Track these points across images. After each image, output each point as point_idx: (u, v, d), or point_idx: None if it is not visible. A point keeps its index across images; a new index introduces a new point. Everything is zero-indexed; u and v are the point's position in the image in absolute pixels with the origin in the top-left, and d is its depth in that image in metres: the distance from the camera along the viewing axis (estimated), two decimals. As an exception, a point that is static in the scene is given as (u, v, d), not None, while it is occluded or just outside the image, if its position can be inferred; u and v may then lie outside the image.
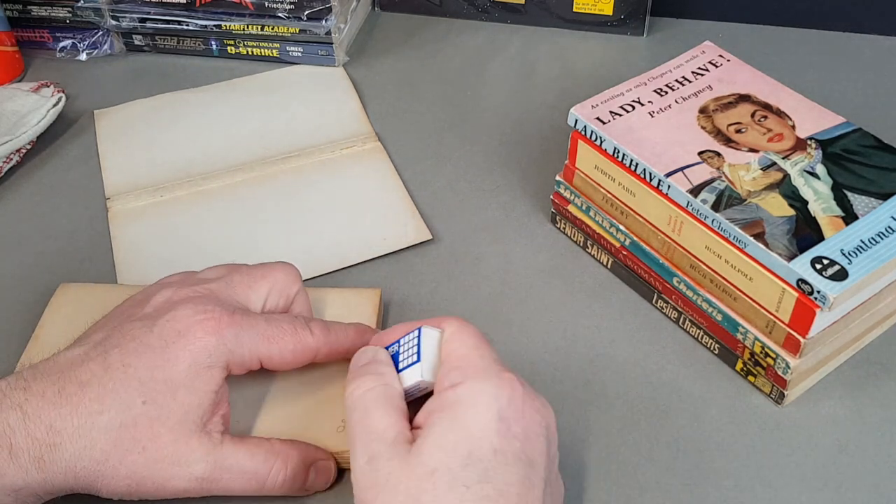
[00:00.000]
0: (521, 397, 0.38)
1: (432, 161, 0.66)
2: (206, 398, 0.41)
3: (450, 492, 0.35)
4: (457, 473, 0.35)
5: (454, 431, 0.36)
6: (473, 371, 0.38)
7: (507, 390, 0.37)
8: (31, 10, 0.75)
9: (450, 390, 0.37)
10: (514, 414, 0.37)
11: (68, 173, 0.65)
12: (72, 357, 0.41)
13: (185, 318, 0.42)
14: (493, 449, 0.36)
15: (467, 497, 0.35)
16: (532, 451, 0.37)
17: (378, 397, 0.39)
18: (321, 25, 0.72)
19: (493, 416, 0.36)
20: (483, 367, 0.38)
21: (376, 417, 0.38)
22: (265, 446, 0.42)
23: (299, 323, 0.44)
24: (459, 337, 0.40)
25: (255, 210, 0.61)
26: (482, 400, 0.37)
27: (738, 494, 0.45)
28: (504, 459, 0.36)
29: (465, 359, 0.39)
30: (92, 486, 0.40)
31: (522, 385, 0.38)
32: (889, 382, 0.50)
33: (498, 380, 0.38)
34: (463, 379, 0.38)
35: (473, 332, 0.40)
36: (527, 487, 0.36)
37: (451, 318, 0.41)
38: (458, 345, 0.40)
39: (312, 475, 0.43)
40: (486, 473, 0.35)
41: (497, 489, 0.35)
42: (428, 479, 0.35)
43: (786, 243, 0.45)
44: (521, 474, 0.36)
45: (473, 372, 0.38)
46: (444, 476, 0.35)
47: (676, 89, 0.55)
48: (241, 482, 0.41)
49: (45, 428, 0.38)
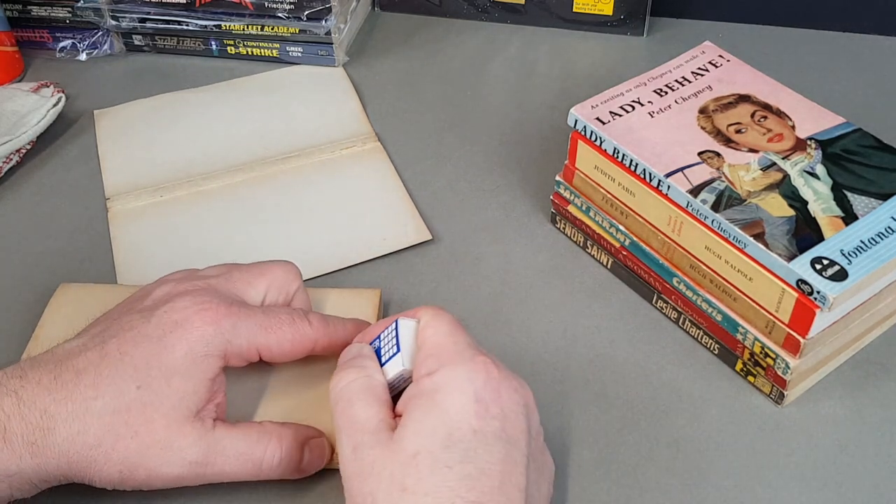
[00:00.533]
0: (496, 379, 0.38)
1: (432, 161, 0.66)
2: (201, 385, 0.41)
3: (433, 473, 0.35)
4: (438, 455, 0.36)
5: (433, 416, 0.37)
6: (448, 357, 0.39)
7: (482, 373, 0.38)
8: (31, 10, 0.75)
9: (426, 378, 0.38)
10: (490, 395, 0.38)
11: (68, 173, 0.65)
12: (69, 348, 0.41)
13: (183, 308, 0.42)
14: (472, 430, 0.37)
15: (450, 477, 0.35)
16: (512, 429, 0.38)
17: (360, 388, 0.40)
18: (321, 25, 0.72)
19: (470, 399, 0.37)
20: (457, 352, 0.39)
21: (359, 408, 0.39)
22: (257, 427, 0.42)
23: (297, 314, 0.44)
24: (434, 325, 0.41)
25: (255, 210, 0.61)
26: (458, 384, 0.38)
27: (738, 494, 0.45)
28: (484, 439, 0.37)
29: (440, 346, 0.40)
30: (85, 473, 0.40)
31: (497, 367, 0.39)
32: (889, 382, 0.50)
33: (472, 363, 0.38)
34: (438, 366, 0.39)
35: (447, 318, 0.41)
36: (509, 465, 0.37)
37: (426, 308, 0.42)
38: (432, 332, 0.41)
39: (307, 454, 0.43)
40: (467, 453, 0.36)
41: (479, 468, 0.36)
42: (410, 463, 0.36)
43: (786, 243, 0.45)
44: (503, 453, 0.37)
45: (448, 358, 0.39)
46: (426, 458, 0.36)
47: (676, 89, 0.55)
48: (237, 465, 0.41)
49: (39, 413, 0.39)
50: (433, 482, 0.35)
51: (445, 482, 0.35)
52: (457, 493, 0.35)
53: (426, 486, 0.35)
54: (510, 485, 0.36)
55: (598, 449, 0.47)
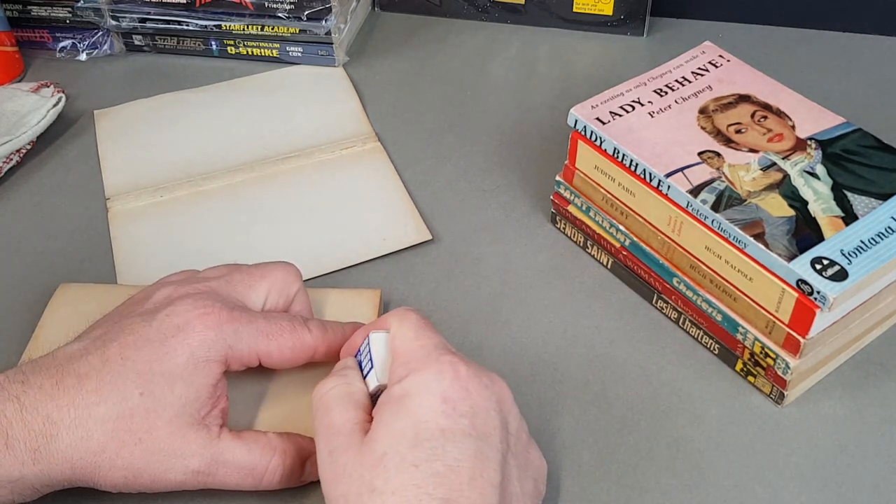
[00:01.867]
0: (464, 377, 0.39)
1: (432, 161, 0.66)
2: (203, 391, 0.41)
3: (399, 472, 0.36)
4: (405, 455, 0.36)
5: (401, 419, 0.37)
6: (415, 363, 0.39)
7: (449, 372, 0.39)
8: (31, 10, 0.75)
9: (396, 385, 0.39)
10: (458, 394, 0.38)
11: (68, 173, 0.65)
12: (70, 352, 0.41)
13: (184, 312, 0.42)
14: (439, 428, 0.37)
15: (416, 475, 0.36)
16: (483, 425, 0.38)
17: (338, 395, 0.40)
18: (321, 25, 0.72)
19: (437, 399, 0.38)
20: (423, 356, 0.40)
21: (335, 413, 0.40)
22: (262, 441, 0.42)
23: (298, 321, 0.45)
24: (400, 333, 0.41)
25: (255, 210, 0.61)
26: (425, 386, 0.38)
27: (738, 494, 0.45)
28: (452, 437, 0.37)
29: (407, 353, 0.40)
30: (89, 479, 0.40)
31: (466, 364, 0.39)
32: (889, 382, 0.50)
33: (438, 364, 0.39)
34: (407, 372, 0.39)
35: (412, 322, 0.42)
36: (480, 461, 0.37)
37: (393, 314, 0.42)
38: (399, 341, 0.41)
39: (308, 467, 0.43)
40: (435, 451, 0.36)
41: (447, 465, 0.36)
42: (378, 464, 0.36)
43: (786, 243, 0.45)
44: (473, 449, 0.37)
45: (415, 364, 0.39)
46: (392, 459, 0.36)
47: (676, 89, 0.55)
48: (238, 477, 0.41)
49: (42, 419, 0.39)
50: (400, 481, 0.36)
51: (412, 480, 0.36)
52: (424, 491, 0.35)
53: (393, 485, 0.36)
54: (482, 480, 0.36)
55: (598, 449, 0.47)
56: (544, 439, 0.45)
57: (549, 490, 0.44)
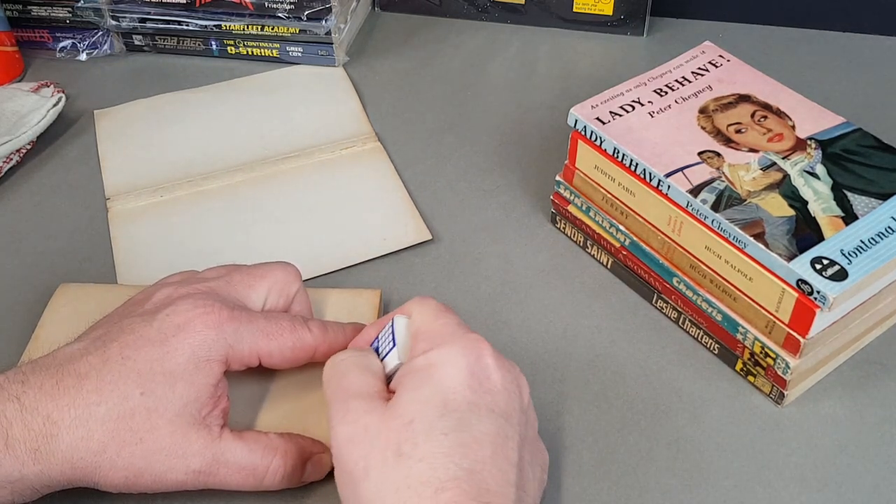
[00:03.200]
0: (489, 355, 0.39)
1: (432, 161, 0.66)
2: (204, 391, 0.41)
3: (428, 439, 0.36)
4: (434, 422, 0.36)
5: (428, 387, 0.38)
6: (440, 338, 0.40)
7: (475, 349, 0.39)
8: (31, 10, 0.75)
9: (420, 356, 0.39)
10: (483, 371, 0.38)
11: (68, 173, 0.65)
12: (70, 352, 0.41)
13: (184, 311, 0.42)
14: (466, 401, 0.37)
15: (446, 444, 0.36)
16: (505, 405, 0.38)
17: (354, 363, 0.41)
18: (321, 25, 0.72)
19: (464, 373, 0.38)
20: (448, 332, 0.40)
21: (353, 377, 0.40)
22: (263, 441, 0.42)
23: (298, 321, 0.45)
24: (420, 313, 0.42)
25: (255, 210, 0.61)
26: (451, 359, 0.38)
27: (738, 494, 0.45)
28: (478, 411, 0.37)
29: (430, 331, 0.40)
30: (90, 479, 0.40)
31: (490, 346, 0.40)
32: (889, 382, 0.50)
33: (465, 340, 0.39)
34: (431, 346, 0.39)
35: (432, 305, 0.42)
36: (502, 438, 0.37)
37: (413, 300, 0.43)
38: (420, 321, 0.41)
39: (309, 468, 0.43)
40: (462, 423, 0.37)
41: (473, 437, 0.36)
42: (406, 429, 0.36)
43: (786, 243, 0.45)
44: (496, 425, 0.37)
45: (440, 339, 0.39)
46: (421, 424, 0.36)
47: (676, 89, 0.55)
48: (239, 478, 0.41)
49: (42, 419, 0.39)
50: (428, 448, 0.36)
51: (441, 448, 0.36)
52: (452, 460, 0.36)
53: (421, 451, 0.36)
54: (502, 457, 0.37)
55: (598, 449, 0.47)
56: (544, 439, 0.45)
57: (550, 490, 0.44)
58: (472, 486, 0.35)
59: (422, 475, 0.35)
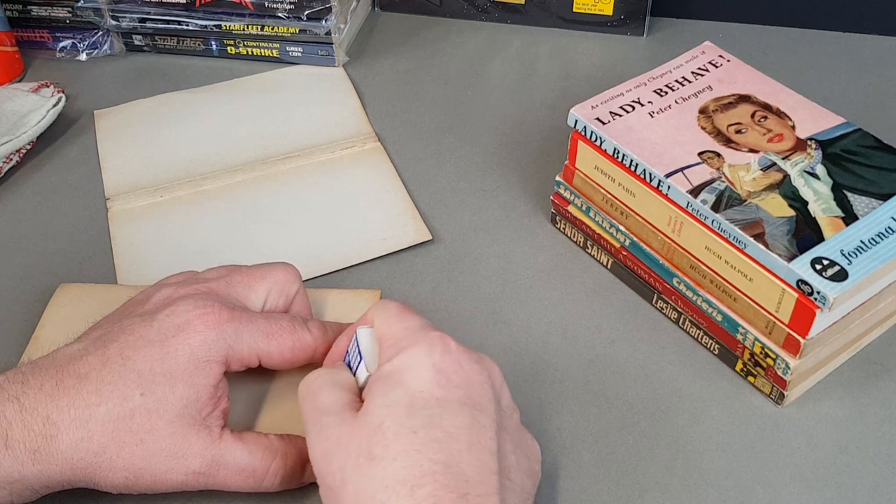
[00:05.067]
0: (454, 350, 0.39)
1: (432, 161, 0.66)
2: (204, 392, 0.41)
3: (399, 439, 0.36)
4: (403, 422, 0.36)
5: (396, 391, 0.38)
6: (403, 342, 0.39)
7: (440, 346, 0.39)
8: (31, 10, 0.75)
9: (386, 364, 0.39)
10: (450, 366, 0.38)
11: (68, 173, 0.65)
12: (70, 352, 0.41)
13: (184, 312, 0.42)
14: (435, 398, 0.37)
15: (417, 441, 0.36)
16: (478, 396, 0.38)
17: (325, 381, 0.41)
18: (321, 25, 0.72)
19: (430, 371, 0.38)
20: (410, 335, 0.40)
21: (324, 395, 0.40)
22: (263, 443, 0.42)
23: (298, 321, 0.45)
24: (383, 320, 0.41)
25: (255, 210, 0.61)
26: (416, 360, 0.38)
27: (738, 494, 0.45)
28: (448, 406, 0.37)
29: (394, 336, 0.40)
30: (90, 479, 0.40)
31: (455, 340, 0.40)
32: (889, 382, 0.50)
33: (427, 339, 0.39)
34: (396, 352, 0.39)
35: (393, 309, 0.42)
36: (477, 430, 0.37)
37: (373, 308, 0.43)
38: (384, 329, 0.41)
39: (309, 470, 0.43)
40: (432, 419, 0.37)
41: (446, 432, 0.36)
42: (376, 433, 0.36)
43: (786, 244, 0.45)
44: (469, 417, 0.37)
45: (404, 342, 0.39)
46: (391, 426, 0.36)
47: (676, 89, 0.55)
48: (239, 479, 0.41)
49: (42, 419, 0.38)
50: (400, 447, 0.36)
51: (413, 446, 0.36)
52: (425, 456, 0.36)
53: (393, 451, 0.36)
54: (480, 447, 0.37)
55: (598, 449, 0.47)
56: (544, 439, 0.45)
57: (550, 490, 0.44)
58: (449, 478, 0.35)
59: (397, 474, 0.35)
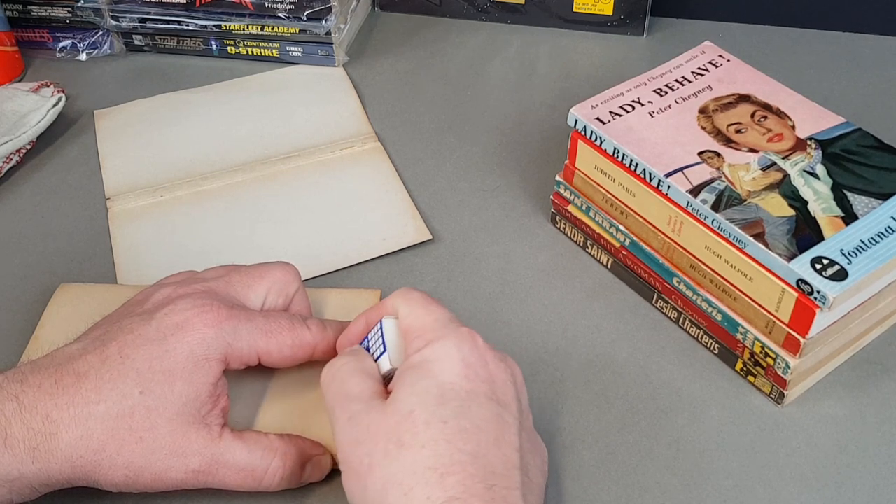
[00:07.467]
0: (481, 347, 0.40)
1: (432, 161, 0.66)
2: (203, 390, 0.41)
3: (429, 427, 0.36)
4: (433, 410, 0.37)
5: (425, 380, 0.38)
6: (432, 333, 0.40)
7: (469, 341, 0.40)
8: (31, 10, 0.75)
9: (415, 354, 0.40)
10: (477, 360, 0.39)
11: (68, 173, 0.65)
12: (69, 352, 0.41)
13: (183, 311, 0.42)
14: (464, 390, 0.38)
15: (447, 430, 0.36)
16: (502, 394, 0.39)
17: (353, 369, 0.41)
18: (321, 25, 0.72)
19: (460, 364, 0.39)
20: (439, 327, 0.40)
21: (352, 384, 0.40)
22: (263, 442, 0.42)
23: (297, 319, 0.45)
24: (410, 311, 0.42)
25: (255, 210, 0.61)
26: (446, 352, 0.39)
27: (738, 494, 0.45)
28: (476, 399, 0.38)
29: (423, 327, 0.41)
30: (90, 477, 0.40)
31: (482, 338, 0.40)
32: (889, 382, 0.50)
33: (457, 333, 0.40)
34: (425, 343, 0.40)
35: (420, 300, 0.42)
36: (501, 425, 0.38)
37: (397, 296, 0.43)
38: (411, 319, 0.41)
39: (308, 470, 0.44)
40: (461, 410, 0.37)
41: (474, 424, 0.37)
42: (406, 420, 0.37)
43: (786, 243, 0.45)
44: (495, 412, 0.38)
45: (433, 334, 0.40)
46: (421, 414, 0.37)
47: (676, 89, 0.55)
48: (238, 478, 0.42)
49: (41, 418, 0.39)
50: (430, 435, 0.36)
51: (442, 434, 0.36)
52: (455, 446, 0.36)
53: (423, 439, 0.36)
54: (505, 442, 0.37)
55: (598, 449, 0.47)
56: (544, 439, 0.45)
57: (550, 491, 0.44)
58: (477, 469, 0.36)
59: (426, 461, 0.36)
